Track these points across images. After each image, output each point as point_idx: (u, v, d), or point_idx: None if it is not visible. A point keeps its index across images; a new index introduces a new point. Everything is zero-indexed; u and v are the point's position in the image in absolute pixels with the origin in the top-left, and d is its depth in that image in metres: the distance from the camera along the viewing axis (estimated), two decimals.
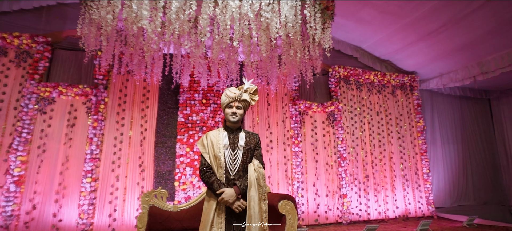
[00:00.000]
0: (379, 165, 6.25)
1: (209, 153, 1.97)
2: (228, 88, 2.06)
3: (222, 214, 1.87)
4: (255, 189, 1.88)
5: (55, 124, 4.75)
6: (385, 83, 6.69)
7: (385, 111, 6.57)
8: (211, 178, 1.92)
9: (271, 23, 2.83)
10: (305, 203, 5.64)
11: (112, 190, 4.81)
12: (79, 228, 4.54)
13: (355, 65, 6.57)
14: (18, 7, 4.91)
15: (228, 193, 1.86)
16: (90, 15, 2.88)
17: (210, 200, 1.90)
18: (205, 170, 1.95)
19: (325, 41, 3.38)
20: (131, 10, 2.52)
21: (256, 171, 1.94)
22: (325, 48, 3.39)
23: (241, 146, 2.00)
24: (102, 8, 2.76)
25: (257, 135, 2.14)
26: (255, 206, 1.85)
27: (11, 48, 4.77)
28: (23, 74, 4.75)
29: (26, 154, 4.53)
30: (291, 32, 2.92)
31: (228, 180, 1.93)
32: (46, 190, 4.56)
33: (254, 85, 2.13)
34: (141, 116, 5.18)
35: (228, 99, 2.02)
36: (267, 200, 1.99)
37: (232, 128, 2.06)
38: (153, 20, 2.79)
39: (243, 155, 1.98)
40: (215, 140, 1.99)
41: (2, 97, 4.62)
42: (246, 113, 5.66)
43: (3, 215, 4.32)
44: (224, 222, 1.86)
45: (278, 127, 5.85)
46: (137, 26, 2.73)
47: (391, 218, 6.08)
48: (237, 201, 1.88)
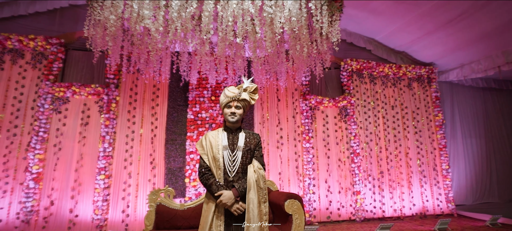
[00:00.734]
0: (395, 161, 6.03)
1: (208, 154, 1.93)
2: (227, 88, 2.01)
3: (221, 217, 1.84)
4: (254, 191, 1.83)
5: (70, 122, 4.90)
6: (400, 75, 6.42)
7: (401, 105, 6.32)
8: (210, 180, 1.88)
9: (275, 18, 2.75)
10: (317, 200, 5.55)
11: (125, 186, 4.92)
12: (94, 223, 4.69)
13: (369, 58, 6.34)
14: (34, 10, 5.06)
15: (226, 195, 1.82)
16: (94, 17, 2.90)
17: (209, 202, 1.87)
18: (204, 172, 1.91)
19: (333, 34, 3.25)
20: (133, 10, 2.51)
21: (255, 173, 1.89)
22: (333, 41, 3.25)
23: (241, 146, 1.94)
24: (106, 8, 2.77)
25: (258, 135, 2.08)
26: (254, 209, 1.80)
27: (27, 50, 4.94)
28: (39, 75, 4.91)
29: (43, 152, 4.70)
30: (296, 27, 2.82)
31: (227, 182, 1.89)
32: (63, 187, 4.72)
33: (253, 84, 2.06)
34: (151, 114, 5.24)
35: (227, 99, 1.97)
36: (267, 202, 1.93)
37: (231, 128, 2.01)
38: (156, 19, 2.77)
39: (242, 156, 1.93)
40: (214, 140, 1.95)
41: (20, 98, 4.81)
42: (255, 109, 5.66)
43: (24, 210, 4.52)
44: (223, 225, 1.82)
45: (288, 122, 5.77)
46: (140, 26, 2.73)
47: (407, 215, 5.87)
48: (235, 203, 1.84)
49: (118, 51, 3.77)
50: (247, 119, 5.65)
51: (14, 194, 4.58)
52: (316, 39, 3.52)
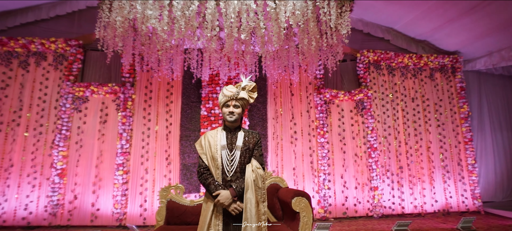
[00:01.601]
0: (415, 156, 5.78)
1: (206, 154, 1.94)
2: (225, 87, 1.99)
3: (219, 216, 1.84)
4: (252, 191, 1.81)
5: (89, 121, 5.12)
6: (421, 66, 6.09)
7: (422, 97, 6.01)
8: (208, 179, 1.89)
9: (279, 12, 2.68)
10: (332, 196, 5.45)
11: (142, 181, 5.09)
12: (114, 216, 4.90)
13: (387, 48, 6.07)
14: (54, 13, 5.31)
15: (223, 195, 1.82)
16: (104, 18, 2.98)
17: (208, 202, 1.88)
18: (202, 171, 1.92)
19: (343, 26, 3.12)
20: (138, 10, 2.55)
21: (254, 172, 1.86)
22: (343, 33, 3.13)
23: (239, 146, 1.93)
24: (114, 10, 2.84)
25: (257, 134, 2.05)
26: (252, 209, 1.79)
27: (49, 53, 5.20)
28: (60, 76, 5.16)
29: (66, 149, 4.96)
30: (301, 21, 2.73)
31: (225, 181, 1.89)
32: (85, 182, 4.97)
33: (252, 82, 2.03)
34: (166, 111, 5.36)
35: (225, 98, 1.95)
36: (266, 201, 1.91)
37: (230, 127, 2.00)
38: (162, 18, 2.80)
39: (240, 155, 1.91)
40: (213, 140, 1.95)
41: (44, 98, 5.08)
42: (268, 104, 5.62)
43: (51, 203, 4.81)
44: (221, 224, 1.83)
45: (302, 117, 5.68)
46: (146, 25, 2.77)
47: (429, 212, 5.62)
48: (233, 203, 1.84)
49: (130, 51, 3.86)
50: (260, 114, 5.62)
51: (41, 188, 4.88)
52: (326, 32, 3.40)
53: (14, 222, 4.74)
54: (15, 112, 4.99)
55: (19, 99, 5.03)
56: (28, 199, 4.82)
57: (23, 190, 4.84)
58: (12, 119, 4.98)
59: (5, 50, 5.10)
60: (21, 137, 4.94)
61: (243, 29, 2.75)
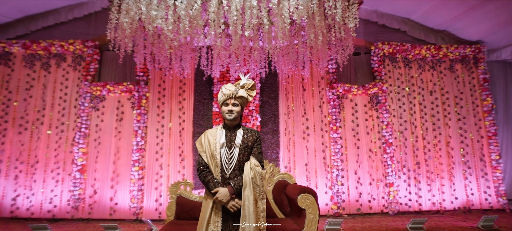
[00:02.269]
0: (433, 151, 5.56)
1: (206, 152, 1.97)
2: (224, 86, 2.01)
3: (218, 213, 1.88)
4: (250, 188, 1.83)
5: (107, 119, 5.33)
6: (440, 57, 5.82)
7: (441, 90, 5.75)
8: (207, 177, 1.92)
9: (283, 8, 2.65)
10: (346, 192, 5.36)
11: (157, 177, 5.25)
12: (131, 211, 5.09)
13: (403, 40, 5.84)
14: (72, 16, 5.54)
15: (222, 192, 1.85)
16: (112, 20, 3.08)
17: (207, 199, 1.92)
18: (202, 169, 1.96)
19: (351, 19, 3.04)
20: (143, 11, 2.61)
21: (252, 170, 1.88)
22: (350, 26, 3.05)
23: (238, 144, 1.94)
24: (122, 11, 2.92)
25: (257, 132, 2.06)
26: (250, 206, 1.80)
27: (68, 54, 5.45)
28: (79, 76, 5.39)
29: (86, 146, 5.20)
30: (304, 16, 2.69)
31: (224, 179, 1.92)
32: (104, 177, 5.19)
33: (251, 80, 2.03)
34: (179, 108, 5.47)
35: (224, 97, 1.97)
36: (265, 199, 1.92)
37: (230, 125, 2.02)
38: (168, 18, 2.85)
39: (239, 153, 1.93)
40: (212, 138, 1.98)
41: (65, 98, 5.34)
42: (280, 100, 5.59)
43: (73, 197, 5.08)
44: (220, 221, 1.86)
45: (314, 112, 5.61)
46: (153, 26, 2.83)
47: (448, 209, 5.41)
48: (231, 200, 1.86)
49: (142, 50, 3.96)
50: (272, 110, 5.61)
51: (64, 183, 5.16)
52: (334, 25, 3.33)
53: (41, 215, 5.05)
54: (39, 111, 5.28)
55: (42, 99, 5.32)
56: (53, 193, 5.11)
57: (47, 185, 5.13)
58: (37, 118, 5.28)
59: (29, 53, 5.40)
60: (44, 134, 5.23)
61: (247, 26, 2.74)
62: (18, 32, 5.49)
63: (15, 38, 5.49)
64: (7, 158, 5.17)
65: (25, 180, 5.13)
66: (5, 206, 5.07)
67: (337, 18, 2.84)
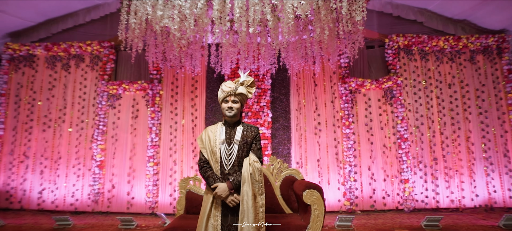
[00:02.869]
0: (452, 146, 5.34)
1: (206, 148, 2.01)
2: (224, 83, 2.04)
3: (218, 207, 1.92)
4: (249, 184, 1.86)
5: (123, 116, 5.53)
6: (460, 48, 5.55)
7: (460, 82, 5.50)
8: (207, 172, 1.97)
9: (286, 4, 2.64)
10: (359, 188, 5.28)
11: (171, 173, 5.40)
12: (147, 205, 5.28)
13: (420, 31, 5.62)
14: (89, 18, 5.77)
15: (221, 187, 1.89)
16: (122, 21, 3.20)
17: (208, 193, 1.97)
18: (202, 165, 2.01)
19: (357, 13, 2.97)
20: (148, 12, 2.69)
21: (251, 166, 1.90)
22: (357, 20, 2.98)
23: (237, 140, 1.97)
24: (131, 12, 3.02)
25: (256, 128, 2.08)
26: (249, 201, 1.83)
27: (86, 55, 5.69)
28: (96, 75, 5.63)
29: (104, 142, 5.43)
30: (307, 11, 2.66)
31: (224, 175, 1.95)
32: (121, 173, 5.41)
33: (250, 77, 2.05)
34: (191, 105, 5.58)
35: (224, 94, 2.00)
36: (264, 194, 1.94)
37: (230, 122, 2.05)
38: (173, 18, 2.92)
39: (238, 149, 1.96)
40: (213, 135, 2.02)
41: (84, 97, 5.60)
42: (291, 95, 5.57)
43: (93, 192, 5.33)
44: (220, 215, 1.91)
45: (326, 108, 5.54)
46: (160, 25, 2.91)
47: (468, 207, 5.20)
48: (230, 195, 1.90)
49: (153, 49, 4.07)
50: (283, 106, 5.60)
51: (85, 178, 5.43)
52: (341, 19, 3.27)
53: (64, 207, 5.35)
54: (61, 110, 5.57)
55: (63, 98, 5.60)
56: (74, 187, 5.39)
57: (70, 179, 5.42)
58: (59, 116, 5.57)
59: (50, 54, 5.69)
60: (66, 132, 5.52)
61: (251, 23, 2.76)
62: (40, 35, 5.79)
63: (38, 41, 5.81)
64: (33, 154, 5.51)
65: (49, 174, 5.45)
66: (33, 199, 5.41)
67: (343, 11, 2.79)
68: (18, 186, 5.44)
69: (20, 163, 5.50)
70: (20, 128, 5.58)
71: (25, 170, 5.48)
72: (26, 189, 5.43)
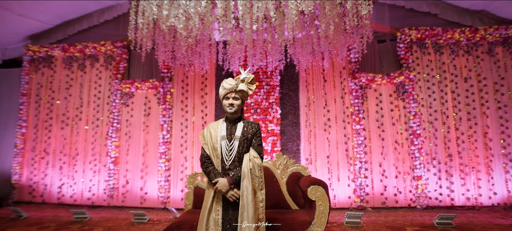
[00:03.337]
0: (468, 142, 5.16)
1: (208, 144, 2.06)
2: (225, 80, 2.07)
3: (219, 202, 1.97)
4: (248, 179, 1.89)
5: (136, 114, 5.69)
6: (477, 40, 5.34)
7: (477, 76, 5.29)
8: (208, 168, 2.02)
9: None
10: (370, 184, 5.21)
11: (182, 168, 5.52)
12: (159, 200, 5.43)
13: (434, 24, 5.45)
14: (103, 19, 5.96)
15: (221, 182, 1.93)
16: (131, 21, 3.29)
17: (209, 188, 2.01)
18: (204, 160, 2.06)
19: (363, 6, 2.92)
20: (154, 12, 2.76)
21: (251, 161, 1.93)
22: (363, 14, 2.94)
23: (238, 136, 2.01)
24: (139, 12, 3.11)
25: (257, 124, 2.10)
26: (249, 196, 1.86)
27: (100, 55, 5.89)
28: (110, 75, 5.81)
29: (118, 139, 5.62)
30: (310, 6, 2.64)
31: (224, 170, 2.00)
32: (134, 168, 5.58)
33: (250, 74, 2.07)
34: (201, 102, 5.67)
35: (225, 91, 2.03)
36: (264, 189, 1.97)
37: (231, 118, 2.09)
38: (179, 17, 2.98)
39: (239, 145, 1.99)
40: (214, 131, 2.06)
41: (99, 95, 5.81)
42: (300, 92, 5.55)
43: (108, 187, 5.54)
44: (221, 209, 1.95)
45: (336, 104, 5.48)
46: (166, 25, 2.97)
47: (485, 205, 5.02)
48: (230, 190, 1.94)
49: (162, 48, 4.17)
50: (292, 102, 5.59)
51: (100, 174, 5.64)
52: (346, 13, 3.23)
53: (82, 202, 5.59)
54: (77, 108, 5.81)
55: (79, 97, 5.83)
56: (91, 182, 5.62)
57: (87, 175, 5.65)
58: (76, 114, 5.81)
59: (67, 55, 5.93)
60: (82, 129, 5.75)
61: (255, 20, 2.77)
62: (58, 37, 6.04)
63: (55, 42, 6.06)
64: (53, 151, 5.78)
65: (68, 170, 5.70)
66: (53, 193, 5.68)
67: (347, 6, 2.75)
68: (40, 180, 5.73)
69: (41, 159, 5.79)
70: (41, 125, 5.86)
71: (45, 165, 5.77)
72: (47, 183, 5.71)
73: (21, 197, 5.72)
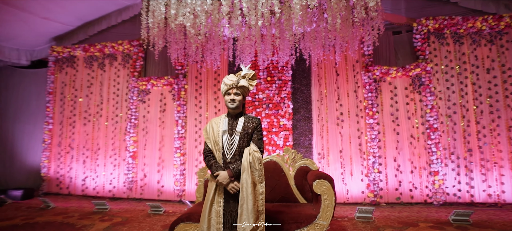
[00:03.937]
0: (490, 137, 4.92)
1: (210, 138, 2.14)
2: (226, 76, 2.13)
3: (221, 194, 2.04)
4: (248, 172, 1.95)
5: (152, 110, 5.90)
6: (501, 29, 5.04)
7: (501, 66, 5.01)
8: (210, 161, 2.09)
9: None
10: (384, 179, 5.12)
11: (196, 163, 5.67)
12: (175, 193, 5.63)
13: (453, 13, 5.21)
14: (121, 19, 6.19)
15: (222, 175, 2.00)
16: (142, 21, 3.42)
17: (212, 181, 2.09)
18: (206, 154, 2.14)
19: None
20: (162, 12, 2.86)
21: (251, 155, 1.99)
22: (371, 5, 2.88)
23: (239, 131, 2.07)
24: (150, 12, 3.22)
25: (258, 119, 2.15)
26: (248, 188, 1.92)
27: (118, 54, 6.14)
28: (127, 73, 6.05)
29: (135, 135, 5.86)
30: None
31: (225, 164, 2.07)
32: (151, 163, 5.81)
33: (251, 70, 2.12)
34: (214, 98, 5.78)
35: (226, 87, 2.09)
36: (264, 182, 2.02)
37: (232, 114, 2.15)
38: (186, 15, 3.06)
39: (239, 139, 2.05)
40: (216, 126, 2.14)
41: (117, 93, 6.07)
42: (312, 86, 5.52)
43: (127, 180, 5.80)
44: (222, 201, 2.03)
45: (349, 98, 5.40)
46: (175, 23, 3.07)
47: (508, 202, 4.79)
48: (231, 183, 2.00)
49: (174, 46, 4.29)
50: (304, 96, 5.57)
51: (120, 167, 5.92)
52: (356, 6, 3.18)
53: (104, 194, 5.91)
54: (98, 105, 6.11)
55: (100, 94, 6.13)
56: (112, 175, 5.92)
57: (107, 169, 5.95)
58: (96, 111, 6.12)
59: (88, 55, 6.24)
60: (103, 125, 6.04)
61: (260, 16, 2.80)
62: (79, 37, 6.36)
63: (77, 43, 6.38)
64: (77, 146, 6.13)
65: (90, 164, 6.03)
66: (77, 186, 6.04)
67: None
68: (66, 173, 6.11)
69: (66, 153, 6.16)
70: (65, 122, 6.23)
71: (70, 159, 6.13)
72: (72, 176, 6.08)
73: (49, 188, 6.13)
